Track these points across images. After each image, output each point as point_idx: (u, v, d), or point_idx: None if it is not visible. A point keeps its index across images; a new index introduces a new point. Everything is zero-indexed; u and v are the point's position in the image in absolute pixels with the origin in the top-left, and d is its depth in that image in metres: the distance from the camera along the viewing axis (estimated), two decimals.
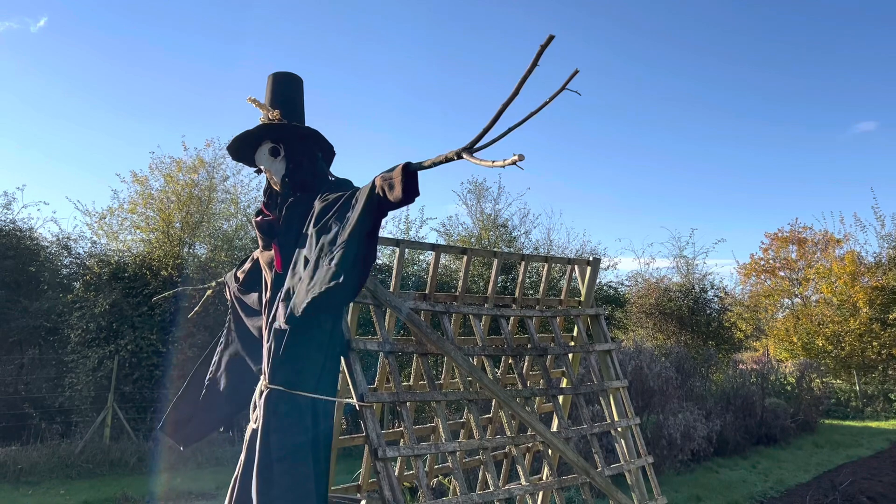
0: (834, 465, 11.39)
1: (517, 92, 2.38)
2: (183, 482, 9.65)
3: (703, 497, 8.95)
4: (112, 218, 14.80)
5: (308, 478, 2.91)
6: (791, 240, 22.04)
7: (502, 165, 2.28)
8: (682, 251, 20.97)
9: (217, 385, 3.63)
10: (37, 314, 12.93)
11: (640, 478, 4.60)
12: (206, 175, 15.01)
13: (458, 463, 3.72)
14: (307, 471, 2.90)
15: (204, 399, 3.61)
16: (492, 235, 17.24)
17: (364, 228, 2.60)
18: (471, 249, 4.48)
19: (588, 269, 5.00)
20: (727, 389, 13.93)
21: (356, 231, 2.59)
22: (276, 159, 3.27)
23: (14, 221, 14.09)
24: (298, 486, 2.86)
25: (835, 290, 19.98)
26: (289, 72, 3.43)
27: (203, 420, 3.61)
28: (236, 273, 3.76)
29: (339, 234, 2.68)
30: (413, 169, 2.60)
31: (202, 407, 3.60)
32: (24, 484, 9.53)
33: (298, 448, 2.90)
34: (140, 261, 13.13)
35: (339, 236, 2.67)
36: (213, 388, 3.62)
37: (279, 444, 2.88)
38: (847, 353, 19.35)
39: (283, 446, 2.88)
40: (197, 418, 3.60)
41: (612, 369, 4.87)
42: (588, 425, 4.44)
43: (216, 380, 3.63)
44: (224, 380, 3.62)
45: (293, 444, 2.90)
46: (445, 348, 3.72)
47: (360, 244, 2.58)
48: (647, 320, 19.13)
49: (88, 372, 12.10)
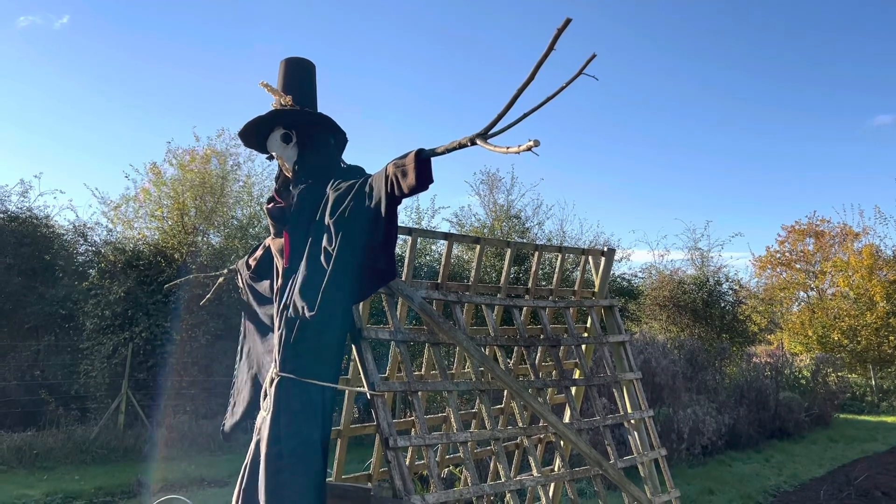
0: (849, 459, 11.29)
1: (533, 76, 2.34)
2: (197, 469, 9.72)
3: (715, 490, 8.90)
4: (127, 206, 14.90)
5: (320, 468, 2.90)
6: (808, 232, 21.82)
7: (517, 151, 2.23)
8: (696, 243, 20.79)
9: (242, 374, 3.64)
10: (53, 301, 13.04)
11: (652, 470, 4.56)
12: (219, 164, 15.07)
13: (469, 453, 3.70)
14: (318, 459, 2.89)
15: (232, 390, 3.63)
16: (504, 226, 17.16)
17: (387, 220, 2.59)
18: (484, 238, 4.45)
19: (602, 260, 4.95)
20: (741, 383, 13.82)
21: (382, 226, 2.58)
22: (287, 145, 3.24)
23: (31, 209, 14.20)
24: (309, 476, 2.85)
25: (852, 284, 19.76)
26: (301, 57, 3.40)
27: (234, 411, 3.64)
28: (248, 260, 3.75)
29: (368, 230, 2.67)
30: (426, 156, 2.57)
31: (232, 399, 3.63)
32: (39, 469, 9.63)
33: (308, 437, 2.89)
34: (154, 249, 13.20)
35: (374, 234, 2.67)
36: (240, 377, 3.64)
37: (289, 433, 2.87)
38: (863, 347, 19.16)
39: (293, 436, 2.87)
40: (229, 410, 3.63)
41: (625, 361, 4.83)
42: (600, 417, 4.40)
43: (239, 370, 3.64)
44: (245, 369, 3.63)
45: (303, 432, 2.88)
46: (457, 338, 3.69)
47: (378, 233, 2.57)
48: (660, 313, 19.03)
49: (103, 359, 12.20)
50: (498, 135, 2.46)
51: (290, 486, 2.80)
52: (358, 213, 2.72)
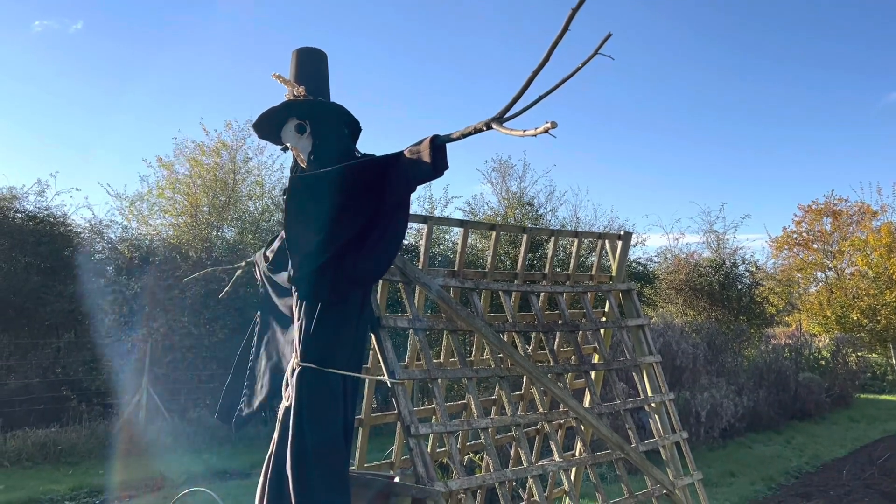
0: (870, 439, 11.22)
1: (548, 58, 2.31)
2: (218, 461, 9.81)
3: (737, 473, 8.87)
4: (142, 203, 15.01)
5: (343, 459, 2.91)
6: (825, 212, 21.59)
7: (534, 134, 2.21)
8: (711, 226, 20.60)
9: (258, 366, 3.65)
10: (72, 298, 13.17)
11: (674, 453, 4.55)
12: (229, 157, 15.12)
13: (490, 439, 3.71)
14: (341, 449, 2.90)
15: (249, 381, 3.64)
16: (518, 214, 17.10)
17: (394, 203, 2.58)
18: (499, 225, 4.44)
19: (619, 244, 4.92)
20: (760, 364, 13.75)
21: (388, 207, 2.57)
22: (302, 136, 3.23)
23: (48, 208, 14.31)
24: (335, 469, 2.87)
25: (870, 263, 19.55)
26: (313, 47, 3.39)
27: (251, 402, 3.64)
28: (265, 253, 3.76)
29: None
30: (441, 142, 2.55)
31: (250, 389, 3.63)
32: (64, 464, 9.76)
33: (331, 426, 2.90)
34: (170, 245, 13.28)
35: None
36: (255, 369, 3.65)
37: (312, 423, 2.88)
38: (883, 326, 18.98)
39: (316, 425, 2.88)
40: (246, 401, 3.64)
41: (644, 345, 4.80)
42: (621, 401, 4.39)
43: (257, 361, 3.65)
44: (264, 360, 3.64)
45: (326, 422, 2.89)
46: (476, 324, 3.68)
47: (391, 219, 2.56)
48: (676, 296, 18.91)
49: (123, 355, 12.32)
50: (513, 118, 2.44)
51: (315, 477, 2.82)
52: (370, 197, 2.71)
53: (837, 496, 7.52)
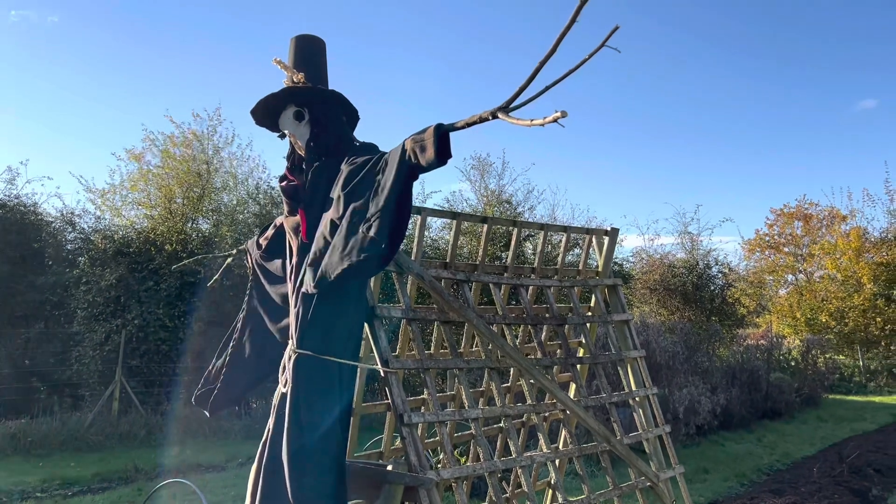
0: (839, 438, 11.46)
1: (555, 49, 2.32)
2: (192, 454, 9.70)
3: (710, 469, 9.01)
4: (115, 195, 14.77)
5: (340, 445, 2.91)
6: (797, 216, 21.96)
7: (542, 124, 2.21)
8: (686, 227, 20.91)
9: (242, 352, 3.61)
10: (42, 289, 12.94)
11: (657, 447, 4.61)
12: (200, 147, 14.95)
13: (480, 430, 3.73)
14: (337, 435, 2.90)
15: (230, 367, 3.60)
16: (496, 211, 17.16)
17: (396, 193, 2.56)
18: (491, 218, 4.45)
19: (606, 240, 4.96)
20: (733, 364, 13.97)
21: (391, 197, 2.55)
22: (300, 123, 3.21)
23: (18, 196, 14.06)
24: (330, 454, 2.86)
25: (839, 266, 19.95)
26: (311, 34, 3.37)
27: (230, 388, 3.61)
28: (258, 240, 3.73)
29: (373, 200, 2.63)
30: (445, 130, 2.55)
31: (229, 375, 3.59)
32: (34, 456, 9.59)
33: (327, 413, 2.89)
34: (144, 236, 13.10)
35: (373, 203, 2.62)
36: (239, 356, 3.61)
37: (308, 410, 2.87)
38: (850, 328, 19.37)
39: (312, 413, 2.87)
40: (224, 386, 3.59)
41: (629, 339, 4.86)
42: (607, 394, 4.43)
43: (241, 348, 3.62)
44: (248, 347, 3.61)
45: (322, 409, 2.89)
46: (468, 316, 3.69)
47: (394, 210, 2.55)
48: (651, 296, 19.15)
49: (95, 346, 12.13)
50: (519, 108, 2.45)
51: (311, 463, 2.81)
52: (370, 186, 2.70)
53: (808, 492, 7.66)
